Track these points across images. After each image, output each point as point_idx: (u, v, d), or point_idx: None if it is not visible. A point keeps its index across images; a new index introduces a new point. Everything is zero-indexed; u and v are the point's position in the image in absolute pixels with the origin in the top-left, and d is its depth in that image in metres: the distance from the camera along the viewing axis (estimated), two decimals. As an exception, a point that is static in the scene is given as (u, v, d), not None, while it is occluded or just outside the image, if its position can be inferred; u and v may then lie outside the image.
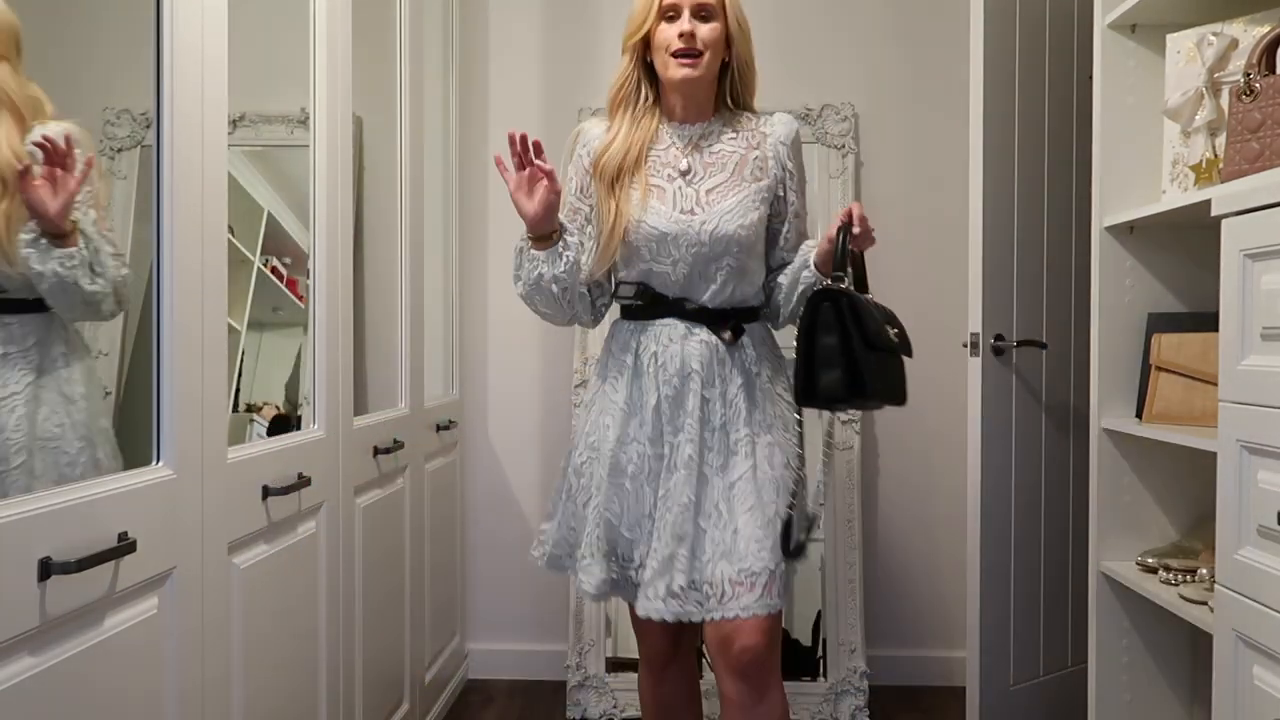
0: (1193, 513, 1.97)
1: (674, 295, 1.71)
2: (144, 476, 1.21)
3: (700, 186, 1.70)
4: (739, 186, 1.70)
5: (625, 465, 1.69)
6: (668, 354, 1.68)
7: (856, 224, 1.59)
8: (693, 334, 1.69)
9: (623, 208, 1.68)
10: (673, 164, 1.72)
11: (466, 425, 3.03)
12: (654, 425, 1.68)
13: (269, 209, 2.06)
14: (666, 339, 1.69)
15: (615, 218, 1.68)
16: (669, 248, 1.68)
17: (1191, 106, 1.76)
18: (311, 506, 1.74)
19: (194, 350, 1.30)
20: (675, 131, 1.75)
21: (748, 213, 1.69)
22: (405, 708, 2.32)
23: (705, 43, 1.67)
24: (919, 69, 2.98)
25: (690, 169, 1.72)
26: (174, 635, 1.24)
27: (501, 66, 3.05)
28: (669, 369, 1.67)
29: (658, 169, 1.72)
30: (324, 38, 1.85)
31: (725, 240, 1.67)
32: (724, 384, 1.68)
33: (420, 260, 2.51)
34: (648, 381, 1.69)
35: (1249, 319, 1.37)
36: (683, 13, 1.67)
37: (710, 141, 1.74)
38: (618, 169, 1.70)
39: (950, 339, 2.89)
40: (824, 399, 1.59)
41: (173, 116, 1.26)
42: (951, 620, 2.96)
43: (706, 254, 1.68)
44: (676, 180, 1.71)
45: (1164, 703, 1.98)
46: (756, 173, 1.72)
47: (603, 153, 1.72)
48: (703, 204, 1.69)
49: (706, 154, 1.73)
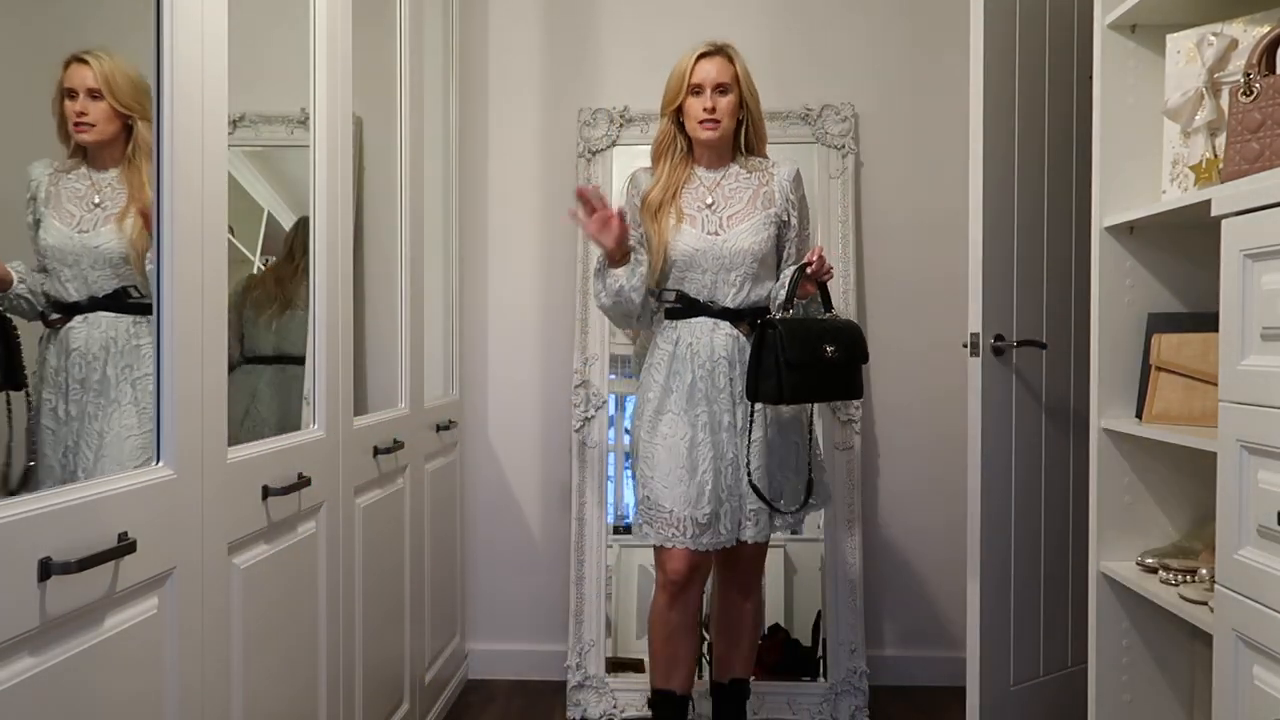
0: (1193, 513, 1.97)
1: (704, 299, 2.21)
2: (144, 476, 1.21)
3: (723, 214, 2.23)
4: (753, 213, 2.22)
5: (665, 430, 2.18)
6: (700, 344, 2.18)
7: (814, 266, 2.09)
8: (719, 328, 2.19)
9: (664, 232, 2.21)
10: (701, 199, 2.25)
11: (466, 425, 3.03)
12: (689, 398, 2.17)
13: (269, 209, 2.06)
14: (700, 332, 2.19)
15: (660, 238, 2.21)
16: (699, 260, 2.20)
17: (1191, 106, 1.76)
18: (311, 506, 1.74)
19: (194, 350, 1.30)
20: (703, 175, 2.27)
21: (759, 231, 2.21)
22: (405, 708, 2.32)
23: (724, 112, 2.19)
24: (919, 69, 2.98)
25: (714, 202, 2.24)
26: (174, 635, 1.24)
27: (501, 66, 3.05)
28: (701, 356, 2.18)
29: (690, 202, 2.24)
30: (324, 38, 1.85)
31: (741, 253, 2.19)
32: (744, 367, 2.15)
33: (420, 260, 2.51)
34: (684, 365, 2.19)
35: (1249, 319, 1.37)
36: (706, 90, 2.18)
37: (730, 181, 2.26)
38: (659, 202, 2.24)
39: (950, 339, 2.89)
40: (762, 399, 2.09)
41: (173, 116, 1.26)
42: (951, 620, 2.96)
43: (727, 264, 2.19)
44: (704, 211, 2.23)
45: (1164, 703, 1.97)
46: (766, 203, 2.23)
47: (649, 191, 2.25)
48: (724, 227, 2.21)
49: (727, 190, 2.25)
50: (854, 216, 2.92)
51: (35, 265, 1.42)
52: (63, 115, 1.40)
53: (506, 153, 3.06)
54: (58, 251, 1.41)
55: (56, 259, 1.42)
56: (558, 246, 3.04)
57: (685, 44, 2.26)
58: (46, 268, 1.41)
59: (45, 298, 1.41)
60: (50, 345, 1.42)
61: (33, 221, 1.42)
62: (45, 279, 1.42)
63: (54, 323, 1.41)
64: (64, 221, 1.41)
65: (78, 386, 1.40)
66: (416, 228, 2.48)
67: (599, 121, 2.97)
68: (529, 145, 3.06)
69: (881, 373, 2.98)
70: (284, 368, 1.97)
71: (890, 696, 2.87)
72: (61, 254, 1.41)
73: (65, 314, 1.40)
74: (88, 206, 1.30)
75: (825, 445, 2.84)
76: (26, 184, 1.42)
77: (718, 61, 2.20)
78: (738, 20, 3.00)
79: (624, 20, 3.04)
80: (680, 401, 2.17)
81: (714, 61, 2.19)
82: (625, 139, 2.96)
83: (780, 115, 2.92)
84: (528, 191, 3.06)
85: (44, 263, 1.42)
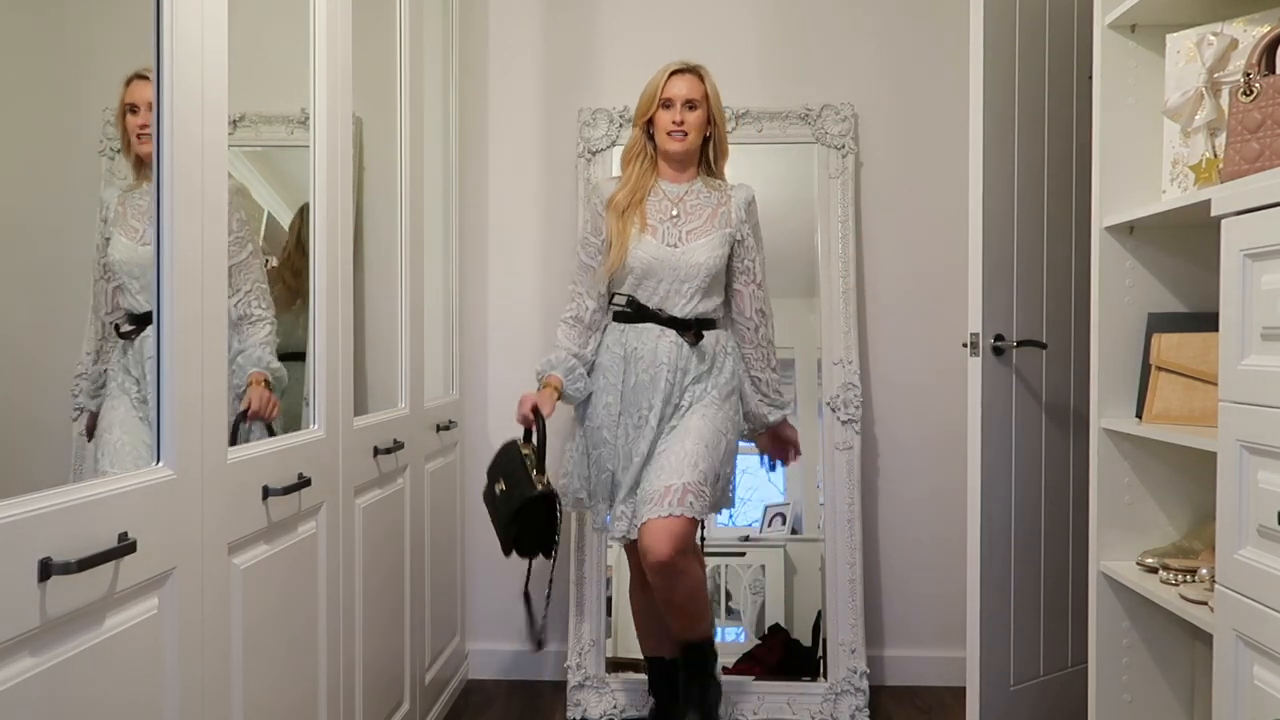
0: (1193, 513, 1.97)
1: (654, 306, 2.33)
2: (144, 477, 1.21)
3: (683, 228, 2.35)
4: (710, 230, 2.35)
5: (612, 427, 2.35)
6: (647, 349, 2.32)
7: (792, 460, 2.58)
8: (665, 335, 2.32)
9: (626, 237, 2.32)
10: (666, 211, 2.37)
11: (466, 425, 3.03)
12: (630, 400, 2.33)
13: (269, 209, 2.06)
14: (647, 338, 2.33)
15: (622, 241, 2.32)
16: (656, 270, 2.32)
17: (1191, 106, 1.76)
18: (311, 507, 1.74)
19: (194, 350, 1.30)
20: (667, 187, 2.40)
21: (716, 248, 2.34)
22: (405, 708, 2.32)
23: (691, 125, 2.33)
24: (918, 69, 2.98)
25: (678, 214, 2.36)
26: (174, 635, 1.24)
27: (501, 66, 3.05)
28: (646, 360, 2.32)
29: (653, 212, 2.36)
30: (324, 38, 1.84)
31: (697, 267, 2.32)
32: (683, 374, 2.32)
33: (420, 260, 2.51)
34: (630, 368, 2.32)
35: (1249, 319, 1.37)
36: (676, 104, 2.32)
37: (692, 198, 2.39)
38: (627, 204, 2.35)
39: (950, 339, 2.89)
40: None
41: (173, 117, 1.26)
42: (951, 620, 2.96)
43: (682, 276, 2.31)
44: (666, 223, 2.35)
45: (1164, 703, 1.98)
46: (724, 222, 2.36)
47: (617, 192, 2.37)
48: (684, 240, 2.34)
49: (689, 205, 2.38)
50: (854, 216, 2.92)
51: (102, 278, 1.51)
52: (125, 129, 1.47)
53: (506, 153, 3.06)
54: (125, 265, 1.49)
55: (125, 272, 1.49)
56: (557, 246, 3.04)
57: (685, 44, 2.29)
58: (121, 284, 1.50)
59: (120, 310, 1.50)
60: (127, 355, 1.50)
61: (102, 241, 1.50)
62: (120, 293, 1.50)
63: (128, 334, 1.49)
64: (129, 236, 1.49)
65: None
66: (416, 228, 2.48)
67: (599, 121, 2.96)
68: (529, 145, 3.06)
69: (881, 373, 2.98)
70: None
71: (890, 696, 2.87)
72: (129, 267, 1.48)
73: (139, 325, 1.47)
74: (150, 219, 1.34)
75: (825, 445, 2.85)
76: (99, 207, 1.51)
77: (689, 79, 2.33)
78: (737, 20, 3.00)
79: (624, 20, 3.03)
80: (624, 402, 2.33)
81: (685, 79, 2.33)
82: (625, 139, 2.95)
83: (780, 115, 2.92)
84: (528, 191, 3.06)
85: (116, 279, 1.50)
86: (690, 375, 2.31)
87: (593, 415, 2.37)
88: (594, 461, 2.37)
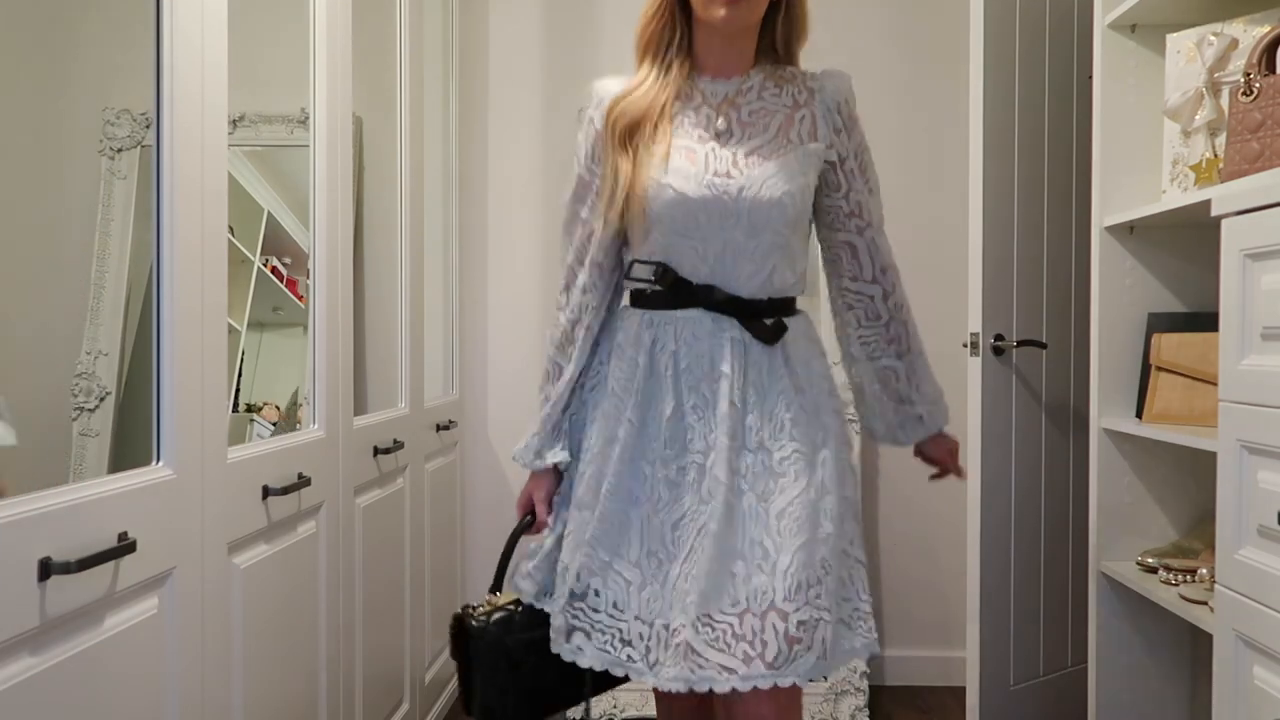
0: (1193, 513, 1.97)
1: (700, 280, 1.41)
2: (144, 476, 1.21)
3: (738, 149, 1.40)
4: (784, 148, 1.41)
5: (631, 490, 1.38)
6: (692, 354, 1.39)
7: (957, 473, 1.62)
8: (724, 329, 1.40)
9: (639, 169, 1.39)
10: (705, 124, 1.42)
11: (466, 425, 3.03)
12: (669, 441, 1.38)
13: (269, 209, 2.06)
14: (690, 335, 1.40)
15: (631, 177, 1.39)
16: (697, 217, 1.38)
17: (1191, 106, 1.76)
18: (311, 506, 1.74)
19: (194, 350, 1.30)
20: (708, 87, 1.45)
21: (794, 177, 1.39)
22: (405, 708, 2.32)
23: None
24: (918, 69, 2.98)
25: (728, 128, 1.42)
26: (174, 635, 1.24)
27: (501, 66, 3.05)
28: (695, 373, 1.38)
29: (687, 129, 1.42)
30: (324, 38, 1.84)
31: (767, 209, 1.37)
32: (761, 393, 1.38)
33: (420, 260, 2.51)
34: (664, 386, 1.39)
35: (1249, 319, 1.37)
36: None
37: (749, 98, 1.44)
38: (639, 121, 1.41)
39: (950, 339, 2.89)
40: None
41: (173, 117, 1.26)
42: (951, 620, 2.96)
43: (746, 226, 1.38)
44: (710, 142, 1.41)
45: (1164, 703, 1.98)
46: (807, 134, 1.44)
47: (620, 99, 1.43)
48: (740, 167, 1.39)
49: (745, 112, 1.43)
50: (854, 216, 2.92)
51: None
52: None
53: (506, 153, 3.06)
54: None
55: None
56: (557, 246, 3.03)
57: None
58: None
59: None
60: None
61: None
62: None
63: None
64: None
65: None
66: (416, 227, 2.48)
67: (599, 121, 2.95)
68: (529, 145, 3.06)
69: (881, 373, 2.98)
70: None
71: (890, 696, 2.87)
72: None
73: None
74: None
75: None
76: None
77: None
78: (738, 20, 3.00)
79: (624, 21, 3.03)
80: (659, 447, 1.39)
81: None
82: (625, 139, 2.95)
83: (780, 115, 2.92)
84: (528, 191, 3.06)
85: None
86: (775, 394, 1.39)
87: (586, 457, 1.45)
88: (572, 527, 1.43)
